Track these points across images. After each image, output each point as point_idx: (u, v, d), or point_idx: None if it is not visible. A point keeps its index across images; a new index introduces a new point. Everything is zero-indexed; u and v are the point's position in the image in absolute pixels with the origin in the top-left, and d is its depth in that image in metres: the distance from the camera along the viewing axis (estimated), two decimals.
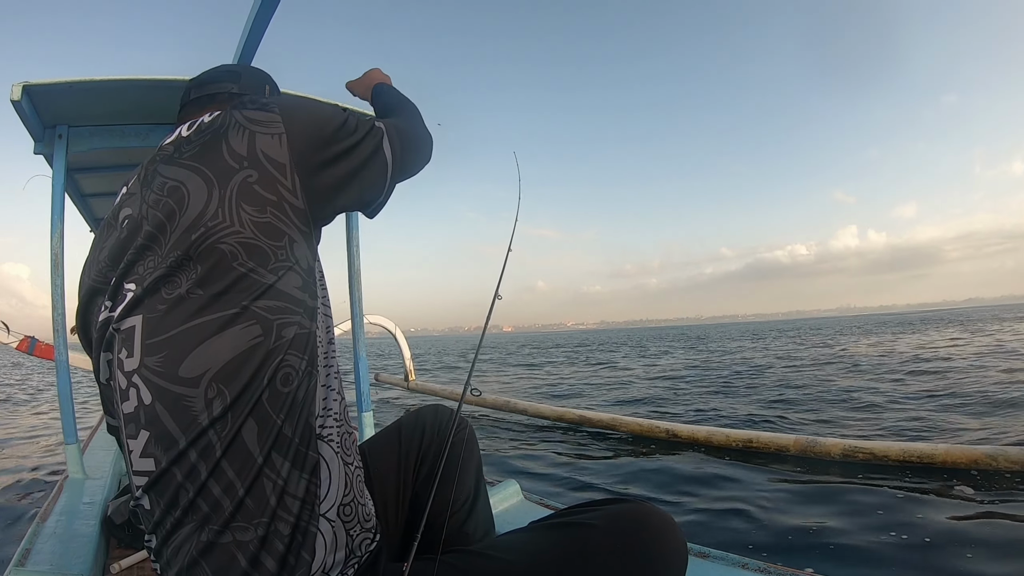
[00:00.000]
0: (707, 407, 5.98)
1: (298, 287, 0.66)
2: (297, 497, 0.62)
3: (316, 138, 0.69)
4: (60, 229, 1.72)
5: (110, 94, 1.56)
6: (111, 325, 0.65)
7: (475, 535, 0.94)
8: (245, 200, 0.63)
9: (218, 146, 0.65)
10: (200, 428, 0.60)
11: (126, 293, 0.64)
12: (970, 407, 5.09)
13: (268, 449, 0.61)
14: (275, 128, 0.66)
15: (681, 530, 0.74)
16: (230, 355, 0.60)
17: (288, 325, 0.64)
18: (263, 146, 0.65)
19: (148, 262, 0.63)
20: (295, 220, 0.66)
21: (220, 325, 0.61)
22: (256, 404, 0.61)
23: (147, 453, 0.62)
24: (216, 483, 0.60)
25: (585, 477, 3.43)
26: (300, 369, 0.65)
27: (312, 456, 0.65)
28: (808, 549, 2.23)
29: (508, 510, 1.56)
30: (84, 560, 1.27)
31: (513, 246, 1.21)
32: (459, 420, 1.02)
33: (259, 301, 0.62)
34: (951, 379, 7.07)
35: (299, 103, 0.71)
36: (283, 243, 0.65)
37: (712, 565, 1.18)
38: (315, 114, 0.71)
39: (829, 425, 4.73)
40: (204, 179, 0.63)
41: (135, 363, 0.62)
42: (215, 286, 0.61)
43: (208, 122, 0.69)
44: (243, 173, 0.63)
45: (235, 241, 0.62)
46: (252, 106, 0.69)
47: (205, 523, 0.60)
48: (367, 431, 2.31)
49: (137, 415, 0.62)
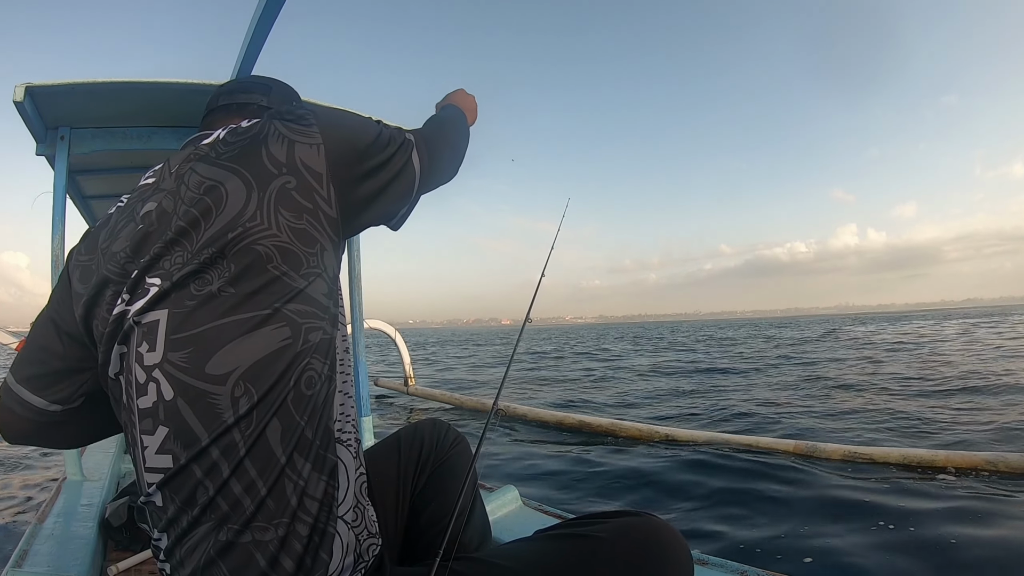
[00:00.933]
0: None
1: (324, 294, 0.67)
2: (316, 499, 0.63)
3: (351, 152, 0.71)
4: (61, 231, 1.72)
5: (112, 96, 1.56)
6: (129, 318, 0.64)
7: (472, 544, 0.95)
8: (283, 205, 0.64)
9: (257, 151, 0.66)
10: (225, 426, 0.60)
11: (148, 287, 0.64)
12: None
13: (291, 450, 0.61)
14: (314, 139, 0.68)
15: (686, 544, 0.75)
16: (260, 355, 0.61)
17: (314, 330, 0.65)
18: (302, 155, 0.67)
19: (176, 257, 0.63)
20: (328, 229, 0.68)
21: (252, 325, 0.61)
22: (281, 405, 0.61)
23: (165, 449, 0.62)
24: (238, 482, 0.60)
25: (584, 482, 3.43)
26: (322, 373, 0.66)
27: (331, 459, 0.65)
28: (807, 555, 2.22)
29: (507, 516, 1.56)
30: (82, 562, 1.27)
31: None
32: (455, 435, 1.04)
33: (290, 304, 0.63)
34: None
35: (336, 116, 0.73)
36: (315, 250, 0.66)
37: (711, 572, 1.18)
38: (351, 128, 0.73)
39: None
40: (243, 181, 0.64)
41: (157, 357, 0.62)
42: (248, 285, 0.62)
43: (246, 127, 0.70)
44: (282, 179, 0.65)
45: (271, 244, 0.63)
46: (290, 117, 0.70)
47: (224, 522, 0.60)
48: (366, 435, 2.31)
49: (155, 410, 0.62)
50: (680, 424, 4.99)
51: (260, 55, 1.47)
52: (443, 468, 0.98)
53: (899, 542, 2.26)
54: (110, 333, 0.66)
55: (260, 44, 1.43)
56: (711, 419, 5.52)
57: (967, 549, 2.16)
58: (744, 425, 5.08)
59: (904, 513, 2.56)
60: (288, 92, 0.95)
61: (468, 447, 1.03)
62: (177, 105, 1.63)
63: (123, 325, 0.65)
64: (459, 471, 0.98)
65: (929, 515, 2.52)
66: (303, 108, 0.72)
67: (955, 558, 2.11)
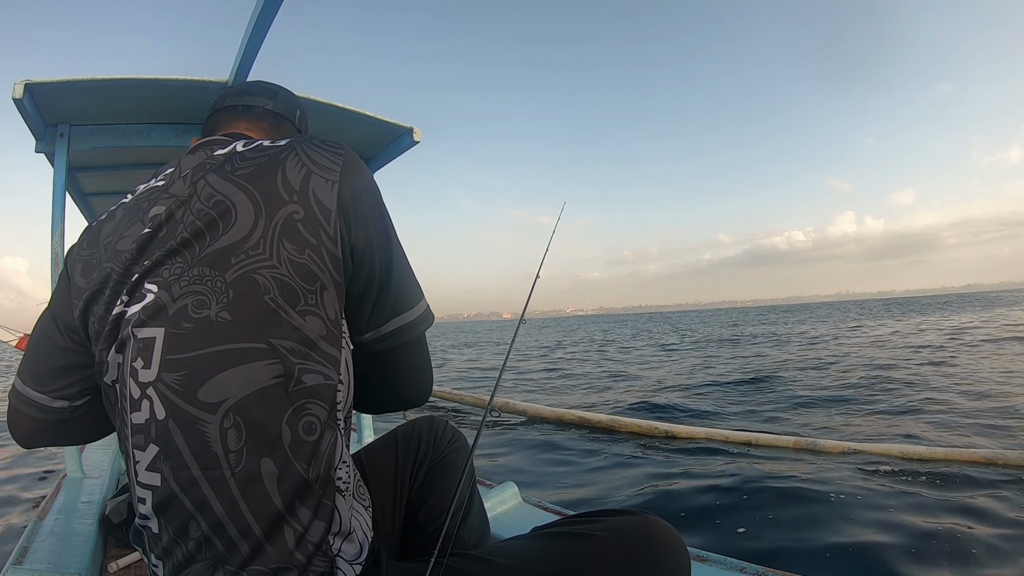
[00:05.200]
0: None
1: (322, 336, 0.64)
2: (315, 543, 0.62)
3: (365, 197, 0.69)
4: (61, 228, 1.72)
5: (112, 93, 1.56)
6: (127, 325, 0.64)
7: (470, 540, 0.95)
8: (287, 237, 0.62)
9: (273, 172, 0.65)
10: (213, 456, 0.59)
11: (146, 293, 0.63)
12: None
13: (291, 496, 0.60)
14: (331, 175, 0.66)
15: (684, 544, 0.75)
16: (250, 389, 0.60)
17: (308, 372, 0.63)
18: (315, 186, 0.65)
19: (175, 268, 0.62)
20: (330, 267, 0.65)
21: (245, 356, 0.60)
22: (276, 447, 0.60)
23: (155, 468, 0.61)
24: (233, 524, 0.59)
25: (584, 479, 3.43)
26: (322, 419, 0.64)
27: (330, 506, 0.64)
28: (806, 552, 2.23)
29: (506, 512, 1.56)
30: (82, 559, 1.27)
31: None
32: (453, 432, 1.04)
33: (284, 341, 0.61)
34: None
35: (363, 165, 0.72)
36: (315, 288, 0.63)
37: (710, 569, 1.18)
38: (374, 183, 0.72)
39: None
40: (253, 203, 0.63)
41: (151, 375, 0.61)
42: (244, 315, 0.60)
43: (269, 146, 0.69)
44: (291, 207, 0.63)
45: (271, 275, 0.61)
46: (318, 144, 0.69)
47: (220, 562, 0.59)
48: (366, 432, 2.32)
49: (147, 428, 0.62)
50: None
51: (259, 52, 1.47)
52: (440, 465, 0.98)
53: (898, 538, 2.26)
54: (108, 333, 0.66)
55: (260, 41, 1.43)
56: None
57: (967, 545, 2.17)
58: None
59: (903, 509, 2.56)
60: (294, 100, 0.94)
61: (466, 443, 1.03)
62: (176, 102, 1.63)
63: (119, 329, 0.65)
64: (457, 467, 0.98)
65: (928, 511, 2.53)
66: (336, 141, 0.71)
67: (954, 554, 2.11)
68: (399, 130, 1.93)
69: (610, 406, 5.96)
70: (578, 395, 7.23)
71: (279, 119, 0.90)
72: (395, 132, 1.95)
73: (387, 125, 1.89)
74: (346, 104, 1.75)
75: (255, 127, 0.86)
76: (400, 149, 2.02)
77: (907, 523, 2.41)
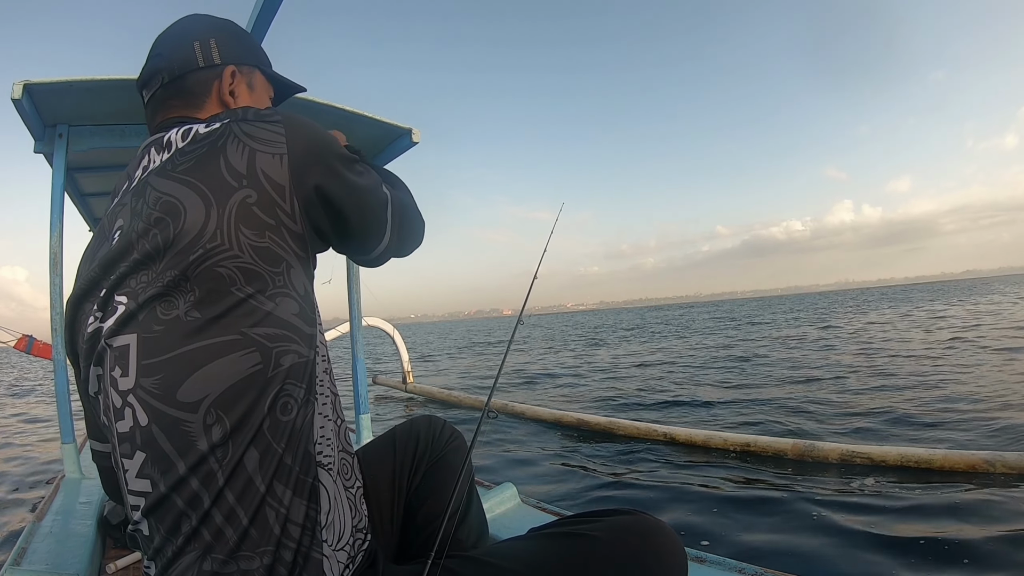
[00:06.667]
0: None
1: (295, 314, 0.65)
2: (298, 524, 0.62)
3: (317, 160, 0.66)
4: (59, 228, 1.73)
5: (110, 93, 1.56)
6: (102, 339, 0.63)
7: (468, 541, 0.95)
8: (244, 223, 0.61)
9: (215, 161, 0.62)
10: (200, 454, 0.59)
11: (117, 305, 0.63)
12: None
13: (270, 478, 0.61)
14: (277, 148, 0.64)
15: (681, 543, 0.75)
16: (229, 382, 0.60)
17: (286, 353, 0.63)
18: (263, 165, 0.63)
19: (141, 276, 0.62)
20: (292, 245, 0.64)
21: (219, 350, 0.60)
22: (257, 433, 0.60)
23: (143, 474, 0.61)
24: (219, 512, 0.59)
25: (583, 481, 3.43)
26: (299, 398, 0.64)
27: (312, 483, 0.64)
28: (804, 553, 2.23)
29: (505, 513, 1.56)
30: (80, 560, 1.27)
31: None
32: (451, 431, 1.04)
33: (257, 328, 0.61)
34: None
35: (305, 123, 0.68)
36: (280, 269, 0.63)
37: (708, 570, 1.18)
38: (320, 136, 0.69)
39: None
40: (201, 196, 0.61)
41: (130, 383, 0.61)
42: (213, 310, 0.60)
43: (204, 133, 0.65)
44: (242, 192, 0.61)
45: (233, 266, 0.60)
46: (254, 119, 0.66)
47: (208, 552, 0.59)
48: (364, 433, 2.32)
49: (133, 435, 0.62)
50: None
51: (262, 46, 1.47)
52: (438, 465, 0.98)
53: (897, 540, 2.26)
54: (87, 351, 0.66)
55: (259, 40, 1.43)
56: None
57: (965, 548, 2.17)
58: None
59: (902, 511, 2.56)
60: (185, 35, 0.80)
61: (464, 443, 1.03)
62: None
63: (96, 344, 0.65)
64: (455, 467, 0.98)
65: (927, 514, 2.52)
66: (270, 110, 0.68)
67: (953, 557, 2.11)
68: (398, 131, 1.94)
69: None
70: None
71: (179, 83, 0.78)
72: (394, 133, 1.95)
73: (386, 126, 1.90)
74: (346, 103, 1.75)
75: (169, 111, 0.78)
76: (399, 150, 2.02)
77: (906, 525, 2.41)
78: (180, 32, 0.81)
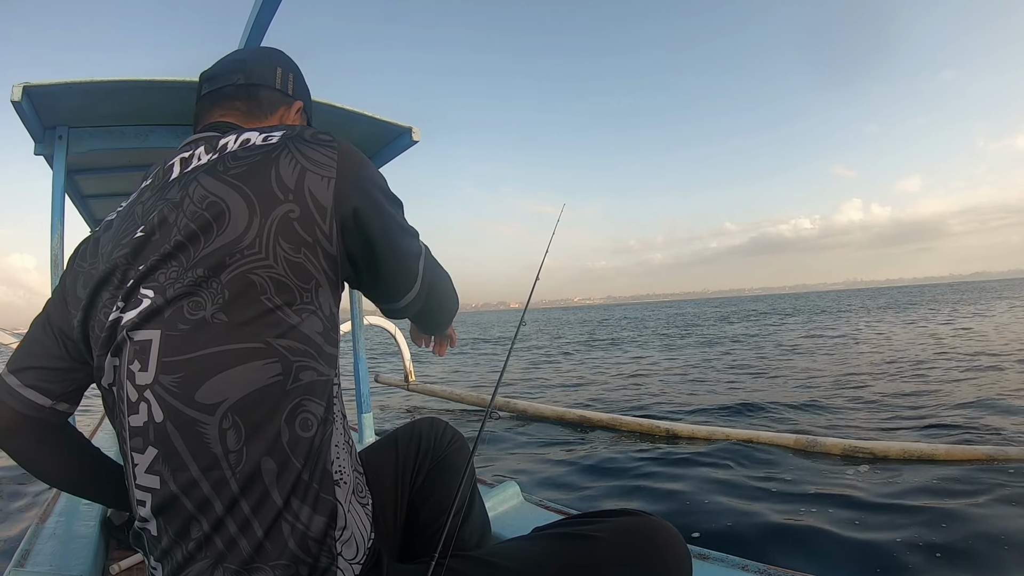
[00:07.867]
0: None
1: (319, 332, 0.65)
2: (317, 540, 0.62)
3: (362, 188, 0.67)
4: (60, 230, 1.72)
5: (110, 95, 1.56)
6: (123, 330, 0.63)
7: (471, 541, 0.96)
8: (283, 236, 0.62)
9: (267, 171, 0.64)
10: (212, 457, 0.59)
11: (142, 298, 0.63)
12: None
13: (288, 492, 0.61)
14: (327, 171, 0.65)
15: (685, 545, 0.75)
16: (249, 389, 0.60)
17: (306, 369, 0.63)
18: (311, 184, 0.64)
19: (171, 272, 0.62)
20: (325, 265, 0.65)
21: (242, 356, 0.60)
22: (274, 445, 0.60)
23: (153, 470, 0.61)
24: (233, 521, 0.59)
25: (585, 478, 3.43)
26: (319, 416, 0.64)
27: (331, 501, 0.64)
28: (808, 550, 2.23)
29: (508, 512, 1.56)
30: (84, 561, 1.27)
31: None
32: (453, 432, 1.04)
33: (281, 340, 0.62)
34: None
35: (358, 153, 0.70)
36: (310, 286, 0.64)
37: (712, 567, 1.18)
38: (370, 169, 0.70)
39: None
40: (247, 202, 0.62)
41: (148, 378, 0.61)
42: (240, 315, 0.60)
43: (260, 143, 0.67)
44: (287, 206, 0.62)
45: (266, 275, 0.61)
46: (311, 140, 0.67)
47: (220, 561, 0.59)
48: (367, 432, 2.32)
49: (146, 430, 0.62)
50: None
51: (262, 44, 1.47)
52: (441, 465, 0.99)
53: (901, 536, 2.26)
54: (104, 339, 0.66)
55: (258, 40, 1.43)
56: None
57: (966, 542, 2.17)
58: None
59: (905, 506, 2.57)
60: (268, 59, 0.87)
61: (466, 444, 1.03)
62: (175, 103, 1.63)
63: (116, 335, 0.64)
64: (457, 468, 0.98)
65: (928, 509, 2.52)
66: (327, 135, 0.69)
67: (954, 551, 2.11)
68: (398, 130, 1.93)
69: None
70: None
71: (252, 90, 0.83)
72: (394, 132, 1.95)
73: (386, 125, 1.89)
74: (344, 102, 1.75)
75: (229, 111, 0.82)
76: (399, 149, 2.02)
77: (909, 520, 2.41)
78: (265, 54, 0.89)
